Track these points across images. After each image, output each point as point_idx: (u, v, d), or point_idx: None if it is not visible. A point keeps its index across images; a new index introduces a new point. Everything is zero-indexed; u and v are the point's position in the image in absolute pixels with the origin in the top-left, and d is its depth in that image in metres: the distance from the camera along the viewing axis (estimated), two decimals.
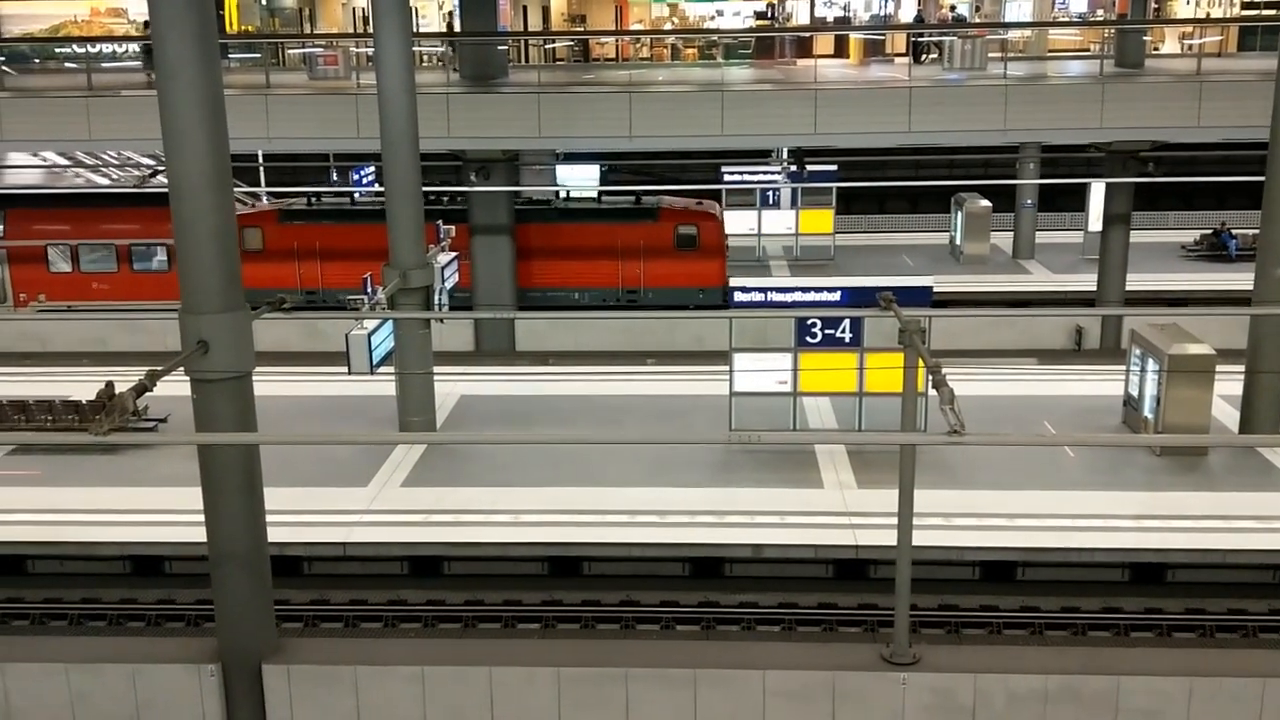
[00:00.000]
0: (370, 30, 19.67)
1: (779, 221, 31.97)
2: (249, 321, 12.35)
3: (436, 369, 20.57)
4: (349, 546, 16.87)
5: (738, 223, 31.92)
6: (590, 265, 27.44)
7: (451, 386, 22.39)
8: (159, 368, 11.45)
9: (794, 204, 31.80)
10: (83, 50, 33.90)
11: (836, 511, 17.35)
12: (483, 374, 23.79)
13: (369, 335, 17.29)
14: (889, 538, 13.99)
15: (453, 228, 22.43)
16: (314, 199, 29.22)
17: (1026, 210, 32.30)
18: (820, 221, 31.94)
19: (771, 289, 19.56)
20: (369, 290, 18.09)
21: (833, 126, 23.81)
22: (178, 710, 13.37)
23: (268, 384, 14.38)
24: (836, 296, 18.95)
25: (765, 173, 31.96)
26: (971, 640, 15.67)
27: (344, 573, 17.09)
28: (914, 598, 13.86)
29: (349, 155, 31.33)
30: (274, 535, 13.79)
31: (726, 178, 31.62)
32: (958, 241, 32.37)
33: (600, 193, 28.72)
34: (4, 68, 28.53)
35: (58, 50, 37.60)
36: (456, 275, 21.68)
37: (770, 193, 31.69)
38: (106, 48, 36.55)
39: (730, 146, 26.62)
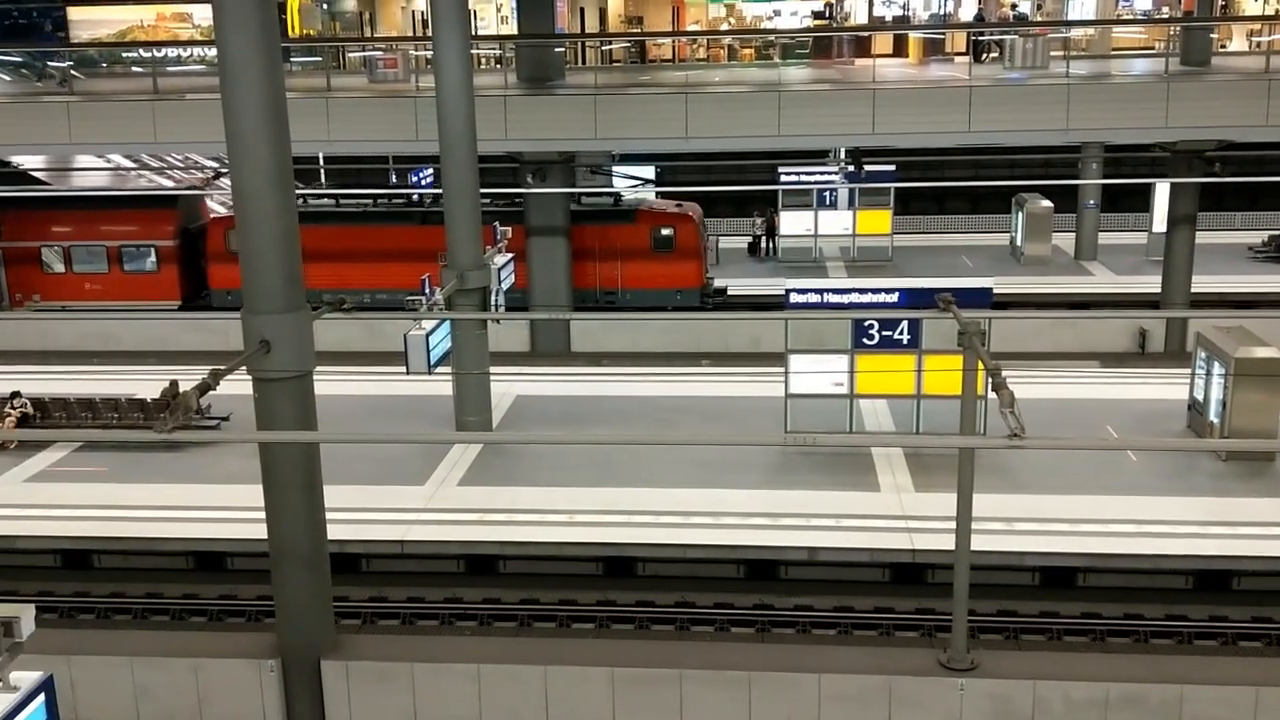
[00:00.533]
0: (429, 33, 19.84)
1: (836, 222, 31.77)
2: (310, 321, 12.54)
3: (493, 369, 20.71)
4: (406, 545, 17.05)
5: (794, 224, 31.79)
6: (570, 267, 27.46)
7: (507, 386, 22.54)
8: (222, 367, 11.65)
9: (851, 204, 31.59)
10: (149, 55, 34.57)
11: (893, 515, 17.22)
12: (538, 374, 23.92)
13: (427, 335, 17.45)
14: (947, 542, 13.87)
15: (509, 229, 22.59)
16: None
17: (1089, 211, 31.84)
18: (878, 222, 31.71)
19: (828, 290, 19.47)
20: (427, 291, 18.26)
21: (891, 126, 23.64)
22: (238, 704, 13.61)
23: (327, 383, 14.58)
24: (894, 298, 18.82)
25: (822, 173, 31.80)
26: (1031, 646, 15.49)
27: (402, 570, 17.26)
28: (972, 603, 13.75)
29: (408, 157, 31.63)
30: (333, 533, 13.99)
31: (783, 178, 31.51)
32: (1018, 242, 32.00)
33: (579, 195, 28.76)
34: (73, 72, 29.15)
35: (124, 55, 38.35)
36: (513, 277, 21.81)
37: (827, 193, 31.52)
38: (172, 52, 37.21)
39: (787, 147, 26.52)
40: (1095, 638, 15.67)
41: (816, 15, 43.97)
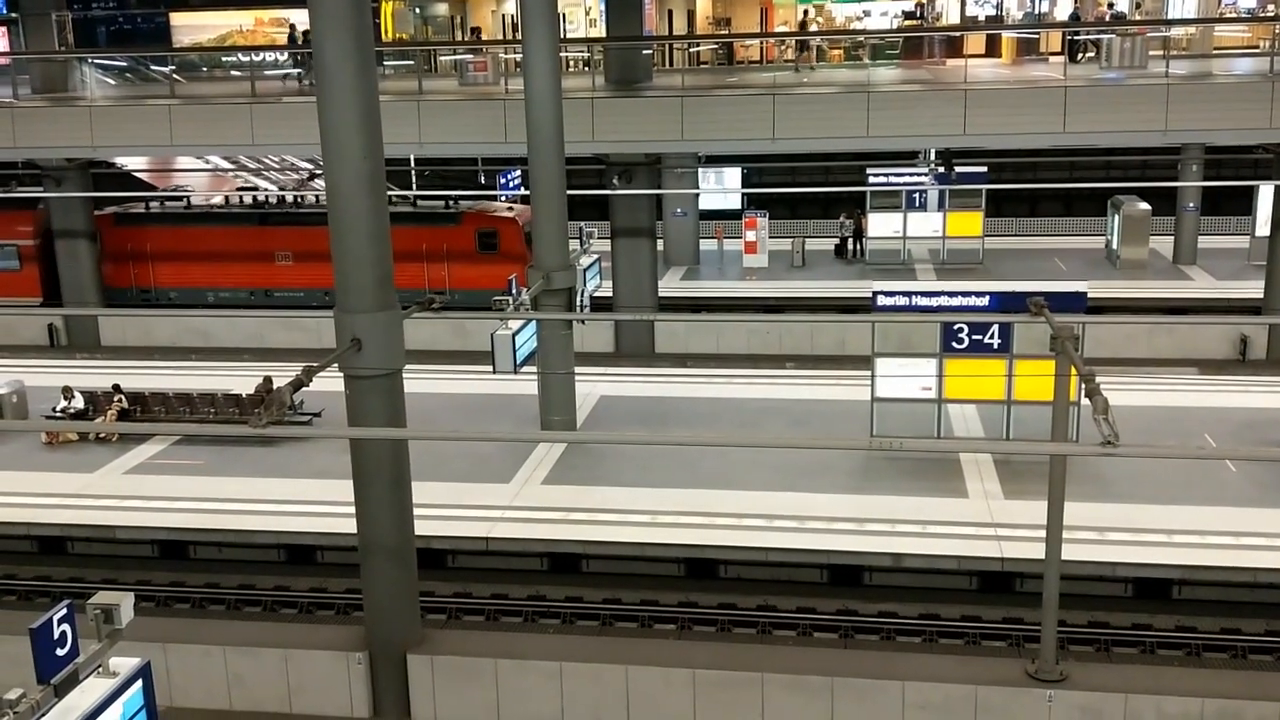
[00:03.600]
0: (519, 37, 20.03)
1: (925, 224, 31.36)
2: (400, 320, 12.75)
3: (577, 369, 20.83)
4: (491, 541, 17.23)
5: (883, 225, 31.44)
6: (397, 268, 27.41)
7: (592, 386, 22.65)
8: (315, 364, 11.90)
9: (941, 206, 31.17)
10: (247, 59, 35.40)
11: (982, 522, 16.96)
12: (622, 375, 24.01)
13: (513, 335, 17.62)
14: (1037, 550, 13.63)
15: (594, 230, 22.74)
16: (150, 203, 30.58)
17: (1189, 214, 31.01)
18: (969, 224, 31.24)
19: (916, 293, 19.24)
20: (514, 291, 18.44)
21: (983, 127, 23.25)
22: (327, 694, 13.88)
23: (416, 381, 14.81)
24: (985, 301, 18.53)
25: (911, 174, 31.40)
26: (1123, 659, 15.13)
27: (486, 567, 17.44)
28: (1062, 613, 13.51)
29: (497, 159, 31.99)
30: (420, 529, 14.21)
31: (871, 179, 31.19)
32: (1114, 246, 31.29)
33: (415, 197, 29.19)
34: (175, 76, 29.99)
35: (224, 59, 39.34)
36: (599, 278, 21.89)
37: (916, 195, 31.13)
38: (269, 56, 38.08)
39: (876, 148, 26.23)
40: (1190, 652, 15.27)
41: (907, 15, 43.43)
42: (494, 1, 47.31)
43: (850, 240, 32.53)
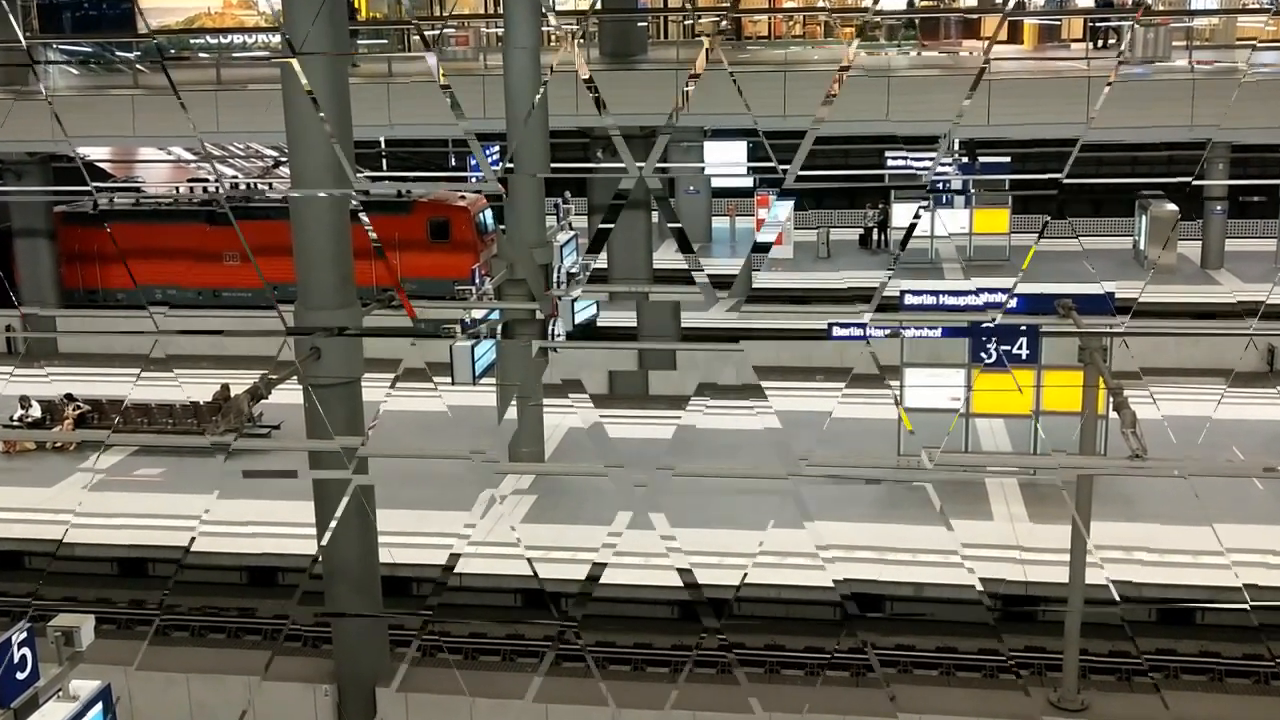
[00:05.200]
0: (500, 10, 19.77)
1: (952, 221, 31.00)
2: (360, 317, 12.60)
3: (570, 395, 19.80)
4: (466, 577, 16.67)
5: (908, 218, 30.95)
6: None
7: (561, 418, 21.46)
8: (273, 375, 11.69)
9: (968, 203, 30.99)
10: (215, 42, 35.22)
11: (1005, 545, 16.75)
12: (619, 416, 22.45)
13: (472, 348, 17.22)
14: (1061, 574, 13.45)
15: (574, 205, 22.42)
16: (98, 202, 30.60)
17: (1216, 216, 30.80)
18: (995, 221, 30.98)
19: (944, 292, 19.11)
20: (476, 280, 17.97)
21: (1005, 117, 22.97)
22: None
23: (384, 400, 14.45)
24: (1013, 304, 18.20)
25: (933, 160, 30.85)
26: (1146, 689, 14.85)
27: (458, 603, 16.82)
28: (1084, 642, 13.31)
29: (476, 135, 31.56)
30: (386, 556, 13.91)
31: (890, 163, 30.90)
32: (1141, 247, 31.11)
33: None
34: (138, 66, 29.75)
35: (192, 41, 39.15)
36: (576, 255, 21.43)
37: (941, 191, 30.85)
38: (237, 39, 37.90)
39: (893, 132, 25.90)
40: (1215, 678, 15.11)
41: None
42: None
43: (875, 230, 32.40)
